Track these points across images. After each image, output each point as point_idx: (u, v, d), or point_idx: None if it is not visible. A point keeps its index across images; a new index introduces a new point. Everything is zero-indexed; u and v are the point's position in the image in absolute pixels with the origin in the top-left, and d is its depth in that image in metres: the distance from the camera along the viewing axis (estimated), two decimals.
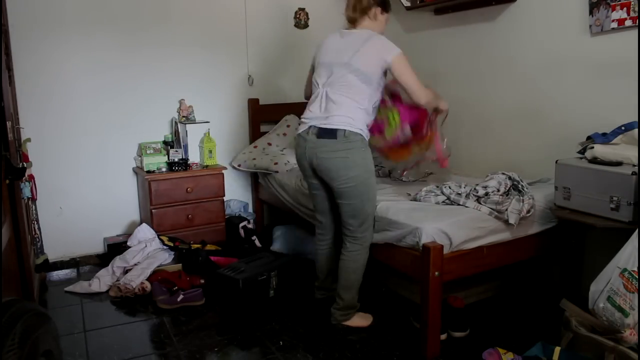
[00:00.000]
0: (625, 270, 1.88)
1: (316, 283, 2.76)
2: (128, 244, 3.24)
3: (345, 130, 2.33)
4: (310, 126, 2.41)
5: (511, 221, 2.29)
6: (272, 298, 2.82)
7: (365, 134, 2.40)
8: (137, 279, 2.96)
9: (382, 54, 2.32)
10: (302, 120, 2.49)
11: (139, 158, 3.55)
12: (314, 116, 2.41)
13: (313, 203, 2.66)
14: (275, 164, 3.48)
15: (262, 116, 3.91)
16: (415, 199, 2.58)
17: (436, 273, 2.15)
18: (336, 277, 2.56)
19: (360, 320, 2.57)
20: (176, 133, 3.60)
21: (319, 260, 2.71)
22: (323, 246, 2.69)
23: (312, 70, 2.59)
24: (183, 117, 3.62)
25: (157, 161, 3.47)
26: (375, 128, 2.51)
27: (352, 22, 2.46)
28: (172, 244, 3.24)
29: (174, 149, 3.53)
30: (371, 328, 2.54)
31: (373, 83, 2.35)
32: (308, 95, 2.61)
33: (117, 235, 3.57)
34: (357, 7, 2.41)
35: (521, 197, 2.36)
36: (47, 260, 3.14)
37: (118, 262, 3.11)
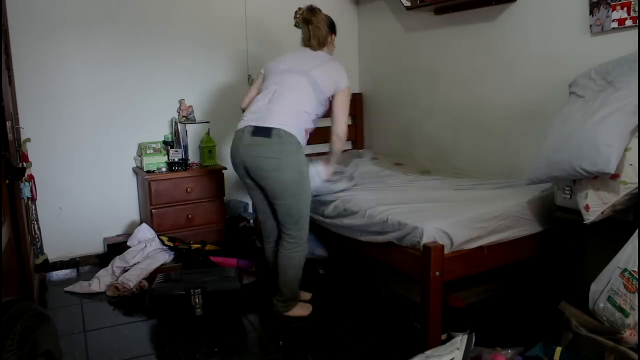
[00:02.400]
0: (625, 270, 1.88)
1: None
2: (128, 244, 3.24)
3: (280, 129, 2.41)
4: (247, 125, 2.51)
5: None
6: (200, 317, 2.60)
7: (301, 138, 2.49)
8: (135, 279, 2.96)
9: (338, 78, 2.57)
10: (243, 117, 2.60)
11: (139, 158, 3.54)
12: (254, 115, 2.52)
13: (252, 203, 2.80)
14: None
15: None
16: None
17: (437, 273, 2.15)
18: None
19: (300, 310, 2.68)
20: (176, 133, 3.60)
21: (271, 261, 2.78)
22: (269, 247, 2.77)
23: (258, 82, 2.76)
24: (183, 117, 3.62)
25: (157, 161, 3.47)
26: None
27: (312, 49, 2.67)
28: (172, 244, 3.24)
29: (174, 149, 3.52)
30: (371, 328, 2.54)
31: (321, 97, 2.54)
32: (245, 106, 2.70)
33: (117, 235, 3.57)
34: (319, 38, 2.64)
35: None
36: (47, 260, 3.14)
37: (118, 262, 3.11)
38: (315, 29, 2.62)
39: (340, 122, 2.58)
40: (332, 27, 2.72)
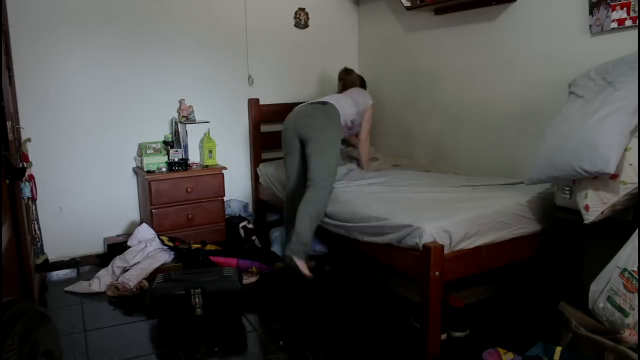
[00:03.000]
0: (625, 270, 1.88)
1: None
2: (128, 244, 3.24)
3: (333, 105, 3.08)
4: (305, 102, 3.19)
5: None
6: (200, 317, 2.58)
7: (343, 120, 3.09)
8: (135, 279, 2.97)
9: (361, 101, 3.30)
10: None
11: (139, 158, 3.55)
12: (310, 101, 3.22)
13: (290, 166, 3.10)
14: None
15: (262, 116, 3.91)
16: None
17: (437, 273, 2.15)
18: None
19: (305, 268, 2.83)
20: (176, 133, 3.60)
21: (289, 219, 3.06)
22: (290, 205, 3.10)
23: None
24: (183, 117, 3.62)
25: (157, 161, 3.47)
26: None
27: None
28: (172, 244, 3.24)
29: (174, 149, 3.53)
30: (371, 328, 2.54)
31: (359, 108, 3.25)
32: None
33: (117, 235, 3.57)
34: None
35: None
36: (47, 260, 3.14)
37: (118, 262, 3.11)
38: (349, 84, 3.45)
39: (365, 129, 3.32)
40: (363, 85, 3.53)
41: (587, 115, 2.04)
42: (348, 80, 3.46)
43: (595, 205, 2.05)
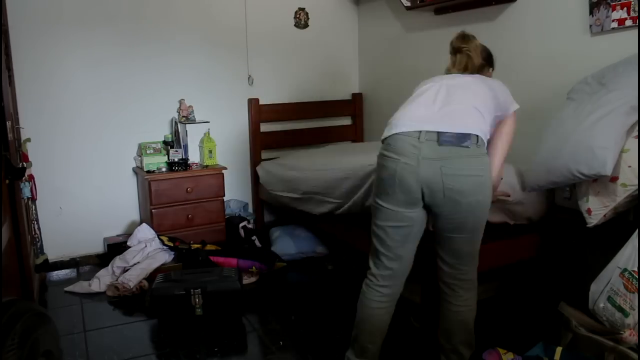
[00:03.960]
0: (625, 270, 1.88)
1: (355, 357, 2.03)
2: (128, 244, 3.24)
3: (478, 136, 1.79)
4: (422, 131, 1.79)
5: None
6: (200, 317, 2.58)
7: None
8: (135, 279, 2.96)
9: (510, 98, 2.03)
10: (396, 124, 1.94)
11: (139, 158, 3.54)
12: (426, 119, 1.83)
13: (386, 240, 1.87)
14: None
15: (262, 116, 3.91)
16: None
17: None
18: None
19: None
20: (176, 133, 3.60)
21: (371, 323, 1.98)
22: (383, 302, 1.94)
23: None
24: (183, 117, 3.62)
25: (157, 161, 3.47)
26: None
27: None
28: (172, 244, 3.24)
29: (174, 149, 3.52)
30: None
31: (500, 107, 1.96)
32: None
33: (117, 235, 3.57)
34: (469, 68, 2.08)
35: None
36: (47, 260, 3.14)
37: (118, 262, 3.11)
38: (466, 58, 2.06)
39: (499, 161, 1.95)
40: (489, 60, 2.18)
41: (581, 118, 2.04)
42: (472, 54, 2.05)
43: (597, 209, 2.04)
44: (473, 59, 2.03)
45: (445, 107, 1.86)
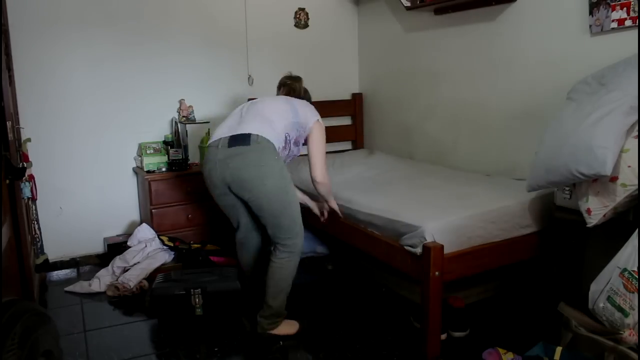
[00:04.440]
0: (625, 270, 1.88)
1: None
2: (128, 244, 3.25)
3: (258, 135, 2.29)
4: (220, 138, 2.36)
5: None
6: (200, 317, 2.60)
7: (279, 148, 2.35)
8: (135, 279, 2.97)
9: (312, 112, 2.52)
10: (211, 137, 2.46)
11: (139, 158, 3.55)
12: (225, 129, 2.40)
13: (231, 219, 2.54)
14: None
15: None
16: None
17: (437, 273, 2.15)
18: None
19: (287, 327, 2.47)
20: (176, 133, 3.60)
21: (249, 272, 2.64)
22: (249, 257, 2.63)
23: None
24: (183, 117, 3.62)
25: (157, 161, 3.47)
26: None
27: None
28: (172, 244, 3.24)
29: (174, 149, 3.52)
30: (371, 328, 2.54)
31: (297, 121, 2.46)
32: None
33: (117, 235, 3.57)
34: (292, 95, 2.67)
35: None
36: (47, 260, 3.14)
37: (118, 262, 3.11)
38: (290, 91, 2.70)
39: (318, 165, 2.45)
40: (308, 99, 2.76)
41: (581, 118, 2.03)
42: (293, 87, 2.74)
43: (597, 208, 2.04)
44: (295, 90, 2.68)
45: (241, 119, 2.43)
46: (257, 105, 2.49)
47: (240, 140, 2.29)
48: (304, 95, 2.72)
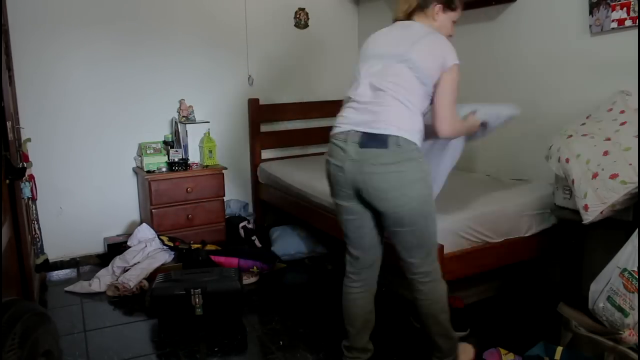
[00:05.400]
0: (625, 270, 1.88)
1: (345, 343, 2.13)
2: (128, 244, 3.24)
3: (398, 137, 1.81)
4: (350, 131, 1.88)
5: None
6: (200, 317, 2.58)
7: (419, 141, 1.87)
8: (135, 279, 2.97)
9: (444, 53, 1.88)
10: (336, 125, 1.96)
11: (139, 158, 3.55)
12: (356, 117, 1.90)
13: (347, 233, 2.03)
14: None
15: (262, 116, 3.91)
16: None
17: None
18: (370, 329, 2.15)
19: (465, 355, 2.15)
20: (176, 133, 3.60)
21: (350, 309, 2.10)
22: (356, 289, 2.08)
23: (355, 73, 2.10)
24: (183, 117, 3.62)
25: (157, 161, 3.47)
26: None
27: (408, 17, 2.00)
28: (172, 244, 3.24)
29: (174, 149, 3.53)
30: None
31: (428, 84, 1.87)
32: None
33: (117, 235, 3.57)
34: (408, 5, 1.98)
35: None
36: (47, 260, 3.14)
37: (118, 262, 3.11)
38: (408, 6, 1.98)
39: (444, 116, 1.89)
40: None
41: None
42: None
43: (594, 205, 2.04)
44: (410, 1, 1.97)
45: (373, 106, 1.91)
46: (388, 87, 1.88)
47: (376, 141, 1.83)
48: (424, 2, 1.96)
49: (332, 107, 4.13)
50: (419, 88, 1.87)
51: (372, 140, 1.83)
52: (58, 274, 3.36)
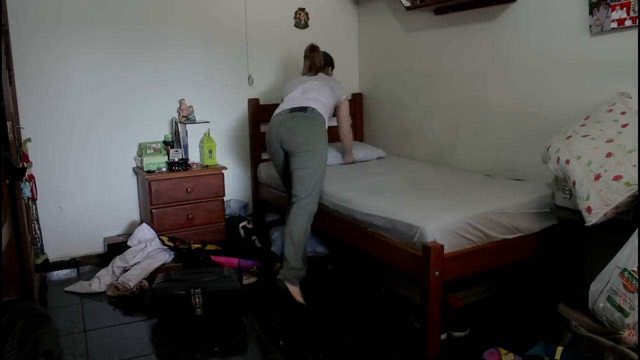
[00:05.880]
0: (625, 270, 1.88)
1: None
2: (128, 244, 3.25)
3: (313, 108, 2.92)
4: (285, 109, 2.98)
5: None
6: (200, 317, 2.59)
7: (325, 121, 2.98)
8: (135, 279, 2.97)
9: (341, 90, 3.21)
10: (278, 108, 3.06)
11: (139, 158, 3.55)
12: (290, 103, 3.00)
13: (281, 176, 3.07)
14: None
15: (262, 116, 3.91)
16: None
17: (437, 273, 2.15)
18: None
19: (299, 295, 2.74)
20: (176, 133, 3.60)
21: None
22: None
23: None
24: (183, 117, 3.62)
25: (157, 161, 3.47)
26: None
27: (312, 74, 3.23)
28: (172, 244, 3.24)
29: (174, 149, 3.53)
30: (371, 328, 2.54)
31: (335, 99, 3.14)
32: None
33: (117, 235, 3.57)
34: (313, 68, 3.23)
35: None
36: (47, 260, 3.14)
37: (118, 262, 3.11)
38: (312, 64, 3.24)
39: (346, 124, 3.31)
40: (330, 62, 3.37)
41: None
42: (313, 60, 3.24)
43: (597, 207, 2.04)
44: (316, 63, 3.24)
45: (302, 96, 3.05)
46: (312, 91, 3.07)
47: (299, 109, 2.94)
48: (324, 62, 3.29)
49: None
50: (331, 97, 3.16)
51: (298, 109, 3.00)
52: (58, 274, 3.36)
